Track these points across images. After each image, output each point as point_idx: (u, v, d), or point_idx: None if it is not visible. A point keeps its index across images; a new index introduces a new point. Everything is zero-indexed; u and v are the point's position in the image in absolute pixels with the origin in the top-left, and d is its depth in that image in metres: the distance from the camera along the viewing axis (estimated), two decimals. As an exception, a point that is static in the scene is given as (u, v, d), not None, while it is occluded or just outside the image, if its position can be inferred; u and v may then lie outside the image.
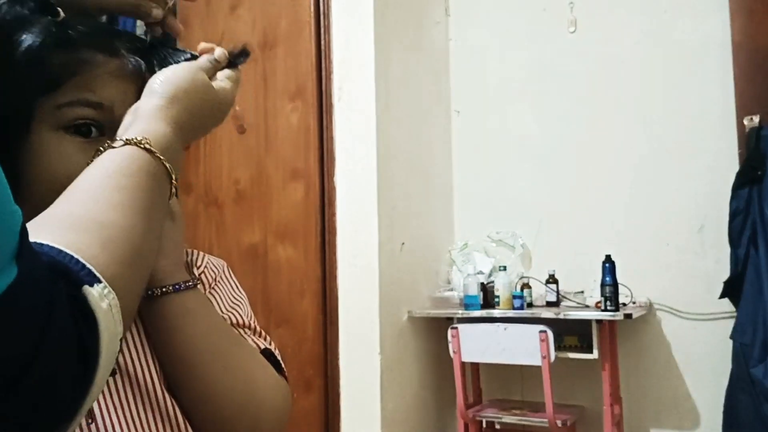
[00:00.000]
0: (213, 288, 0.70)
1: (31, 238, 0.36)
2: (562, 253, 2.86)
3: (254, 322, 0.70)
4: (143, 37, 0.65)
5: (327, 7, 2.66)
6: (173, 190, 0.52)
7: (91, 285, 0.37)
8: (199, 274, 0.70)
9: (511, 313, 2.62)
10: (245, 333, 0.68)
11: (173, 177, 0.51)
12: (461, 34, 3.18)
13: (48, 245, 0.38)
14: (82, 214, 0.43)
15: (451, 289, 2.88)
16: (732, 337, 2.37)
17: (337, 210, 2.60)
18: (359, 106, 2.59)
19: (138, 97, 0.56)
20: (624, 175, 2.80)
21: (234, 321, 0.68)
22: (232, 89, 0.62)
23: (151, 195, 0.48)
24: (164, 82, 0.56)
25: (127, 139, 0.50)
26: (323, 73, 2.65)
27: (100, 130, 0.57)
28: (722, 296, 2.47)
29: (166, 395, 0.60)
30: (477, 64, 3.13)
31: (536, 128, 2.98)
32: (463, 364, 2.58)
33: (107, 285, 0.39)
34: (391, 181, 2.64)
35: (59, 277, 0.36)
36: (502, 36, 3.09)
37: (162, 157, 0.50)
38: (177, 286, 0.61)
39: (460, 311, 2.69)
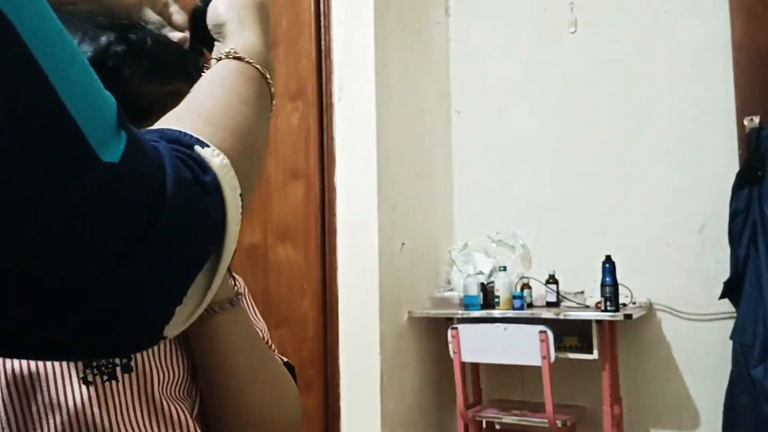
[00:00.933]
0: None
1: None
2: (562, 254, 2.86)
3: (270, 341, 0.72)
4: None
5: (327, 8, 2.66)
6: (271, 90, 0.55)
7: (202, 147, 0.40)
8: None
9: (511, 314, 2.62)
10: None
11: (268, 78, 0.54)
12: (461, 34, 3.18)
13: (153, 128, 0.41)
14: (185, 107, 0.46)
15: (451, 290, 2.88)
16: (732, 337, 2.37)
17: (338, 210, 2.60)
18: (359, 107, 2.60)
19: None
20: (624, 175, 2.80)
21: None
22: None
23: (250, 90, 0.51)
24: (227, 8, 0.59)
25: (216, 57, 0.54)
26: (323, 73, 2.65)
27: None
28: (722, 297, 2.47)
29: (163, 400, 0.60)
30: (477, 64, 3.13)
31: (536, 128, 2.99)
32: (463, 365, 2.58)
33: (215, 148, 0.41)
34: (391, 182, 2.64)
35: (169, 143, 0.38)
36: (502, 36, 3.09)
37: (252, 61, 0.53)
38: (223, 306, 0.62)
39: (460, 311, 2.69)
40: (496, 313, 2.64)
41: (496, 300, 2.70)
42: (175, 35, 0.64)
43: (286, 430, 0.65)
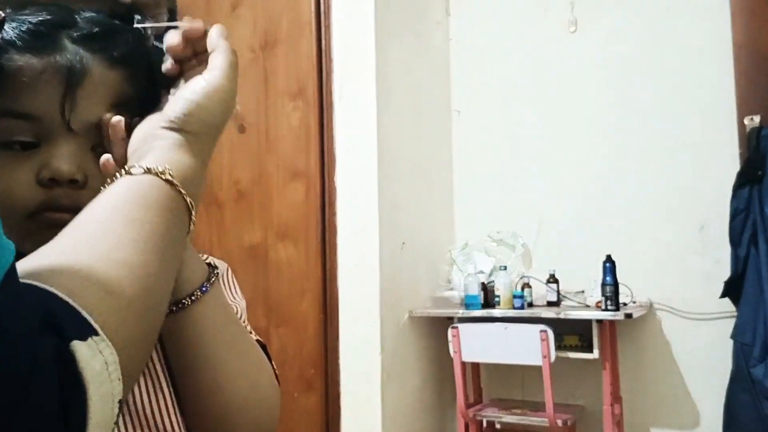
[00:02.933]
0: None
1: (23, 278, 0.33)
2: (563, 253, 2.86)
3: (247, 322, 0.67)
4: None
5: (327, 7, 2.66)
6: (191, 226, 0.47)
7: (84, 339, 0.32)
8: None
9: (511, 313, 2.62)
10: None
11: (193, 213, 0.47)
12: (462, 34, 3.19)
13: (40, 288, 0.33)
14: (86, 251, 0.38)
15: (452, 289, 2.89)
16: (732, 336, 2.37)
17: (338, 210, 2.60)
18: (360, 106, 2.60)
19: (66, 101, 0.51)
20: (625, 174, 2.81)
21: None
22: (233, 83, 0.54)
23: (168, 231, 0.43)
24: (188, 115, 0.50)
25: (147, 168, 0.45)
26: (324, 72, 2.65)
27: (35, 141, 0.52)
28: (722, 296, 2.47)
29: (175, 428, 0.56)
30: (477, 63, 3.14)
31: (536, 128, 2.99)
32: (463, 364, 2.59)
33: (105, 338, 0.34)
34: (392, 181, 2.64)
35: (47, 328, 0.31)
36: (502, 36, 3.09)
37: (183, 192, 0.45)
38: (204, 288, 0.56)
39: (460, 311, 2.69)
40: (496, 312, 2.64)
41: (497, 299, 2.70)
42: None
43: (263, 412, 0.60)
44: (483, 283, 2.79)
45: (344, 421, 2.55)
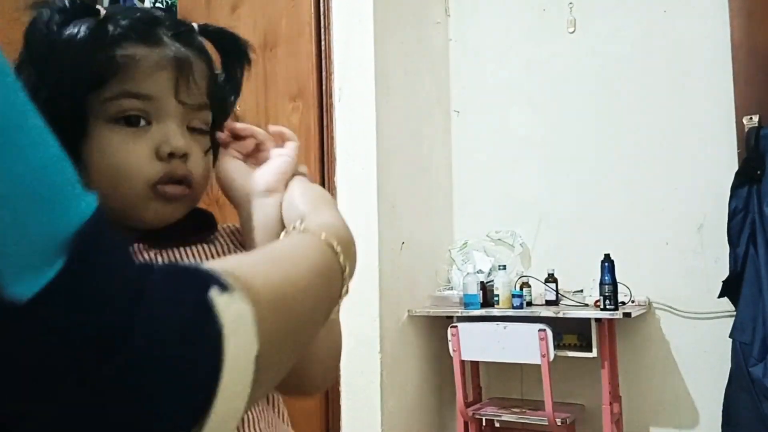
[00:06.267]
0: None
1: None
2: (562, 252, 2.87)
3: None
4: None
5: (327, 8, 2.67)
6: (341, 263, 0.53)
7: (221, 292, 0.33)
8: None
9: (510, 312, 2.62)
10: None
11: (345, 275, 0.53)
12: (461, 35, 3.19)
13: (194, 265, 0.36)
14: (244, 267, 0.40)
15: (451, 288, 2.89)
16: (731, 336, 2.37)
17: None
18: (359, 107, 2.61)
19: (180, 84, 0.60)
20: (623, 174, 2.81)
21: None
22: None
23: (310, 259, 0.48)
24: (302, 200, 0.65)
25: (307, 228, 0.53)
26: (324, 73, 2.66)
27: (147, 119, 0.60)
28: (721, 295, 2.47)
29: None
30: (477, 64, 3.14)
31: (536, 128, 2.99)
32: (462, 363, 2.59)
33: (243, 297, 0.34)
34: (391, 181, 2.65)
35: (185, 279, 0.32)
36: (501, 36, 3.10)
37: (339, 253, 0.52)
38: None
39: (459, 310, 2.70)
40: (495, 311, 2.65)
41: (496, 299, 2.71)
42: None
43: (335, 347, 0.71)
44: (482, 283, 2.79)
45: (344, 420, 2.56)
